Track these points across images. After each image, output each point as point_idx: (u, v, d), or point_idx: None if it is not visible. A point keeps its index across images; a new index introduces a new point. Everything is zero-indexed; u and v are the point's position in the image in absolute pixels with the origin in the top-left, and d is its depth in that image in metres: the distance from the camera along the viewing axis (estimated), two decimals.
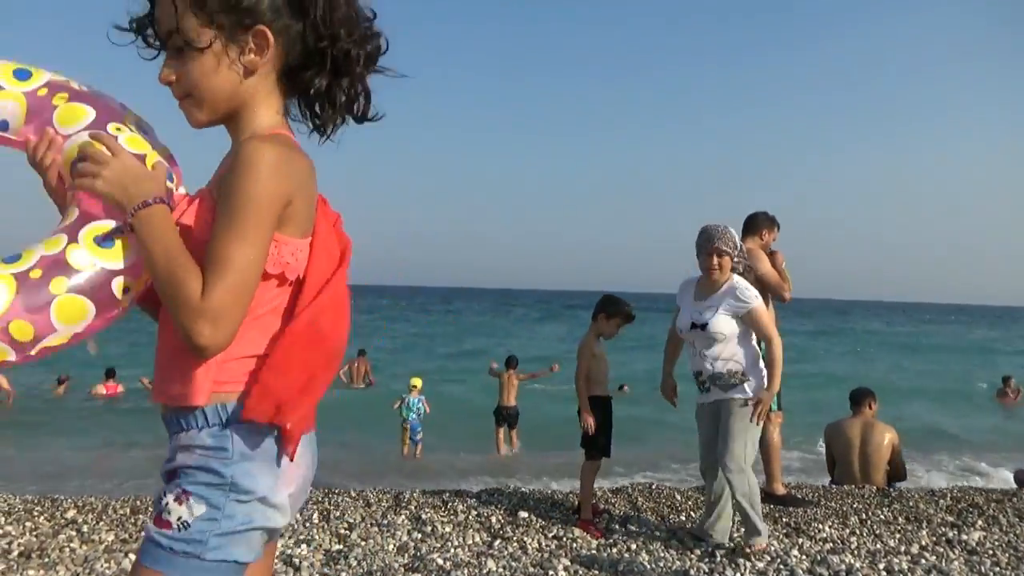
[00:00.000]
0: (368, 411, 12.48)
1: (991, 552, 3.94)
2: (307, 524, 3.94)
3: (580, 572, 3.35)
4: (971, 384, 19.36)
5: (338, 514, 4.12)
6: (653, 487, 5.09)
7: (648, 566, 3.50)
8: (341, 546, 3.63)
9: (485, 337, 33.07)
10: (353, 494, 4.61)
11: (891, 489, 5.54)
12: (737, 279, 3.90)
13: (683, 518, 4.34)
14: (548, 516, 4.30)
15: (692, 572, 3.43)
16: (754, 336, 3.91)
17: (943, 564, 3.69)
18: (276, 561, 3.37)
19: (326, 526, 3.92)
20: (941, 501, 5.01)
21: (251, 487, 1.17)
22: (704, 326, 3.80)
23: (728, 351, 3.81)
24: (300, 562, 3.35)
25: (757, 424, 3.76)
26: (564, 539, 3.88)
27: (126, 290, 1.19)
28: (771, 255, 4.93)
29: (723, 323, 3.79)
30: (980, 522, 4.50)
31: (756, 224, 5.02)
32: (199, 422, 1.17)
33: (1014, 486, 5.74)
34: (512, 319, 48.12)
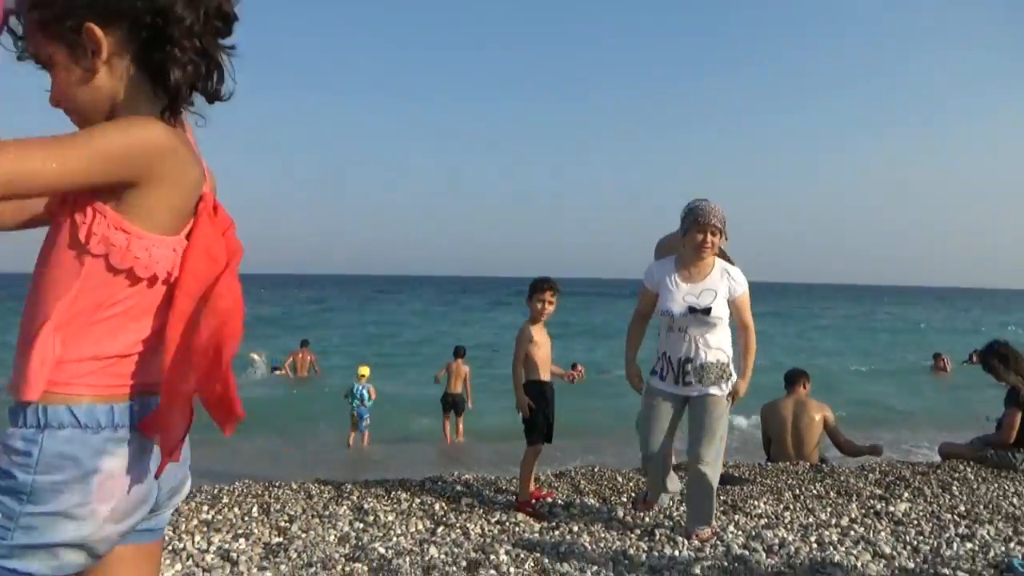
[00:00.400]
0: (314, 403, 12.35)
1: (916, 522, 4.11)
2: (246, 518, 3.87)
3: (522, 555, 3.38)
4: (907, 361, 20.22)
5: (278, 507, 4.06)
6: (595, 470, 5.16)
7: (589, 547, 3.54)
8: (281, 539, 3.58)
9: (434, 325, 32.97)
10: (294, 486, 4.55)
11: (824, 464, 5.74)
12: (720, 260, 3.77)
13: (624, 499, 4.41)
14: (492, 502, 4.32)
15: (632, 551, 3.49)
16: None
17: (871, 535, 3.83)
18: (213, 556, 3.31)
19: (266, 519, 3.86)
20: (870, 475, 5.21)
21: (52, 500, 1.08)
22: (708, 311, 3.59)
23: (719, 338, 3.68)
24: (238, 556, 3.29)
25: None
26: (507, 524, 3.91)
27: None
28: None
29: (723, 307, 3.64)
30: (907, 494, 4.70)
31: None
32: (19, 420, 1.10)
33: (939, 459, 6.00)
34: (461, 308, 48.05)
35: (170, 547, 3.39)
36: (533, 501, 4.24)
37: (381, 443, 9.33)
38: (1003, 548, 3.67)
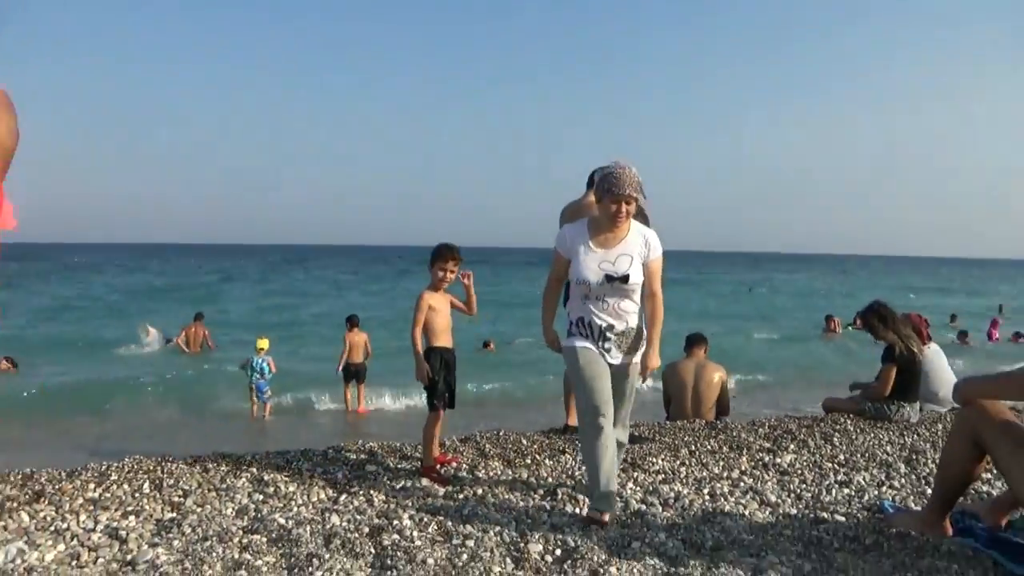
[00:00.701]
0: (214, 377, 11.94)
1: (800, 472, 4.36)
2: (136, 495, 3.70)
3: (425, 519, 3.38)
4: (802, 326, 21.38)
5: (171, 482, 3.90)
6: (500, 434, 5.21)
7: (492, 508, 3.58)
8: (174, 514, 3.44)
9: (339, 296, 32.36)
10: (189, 460, 4.37)
11: (719, 422, 6.00)
12: (636, 223, 3.62)
13: (528, 461, 4.48)
14: (396, 469, 4.29)
15: (533, 511, 3.55)
16: None
17: (758, 485, 4.05)
18: (100, 535, 3.15)
19: (158, 495, 3.70)
20: (760, 430, 5.49)
21: None
22: (626, 279, 3.45)
23: (636, 304, 3.57)
24: (127, 534, 3.14)
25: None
26: (411, 490, 3.90)
27: None
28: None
29: (640, 273, 3.51)
30: (792, 446, 4.97)
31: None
32: None
33: (822, 413, 6.38)
34: (367, 277, 47.31)
35: (52, 528, 3.22)
36: (438, 466, 4.25)
37: (283, 415, 9.14)
38: (876, 492, 3.95)
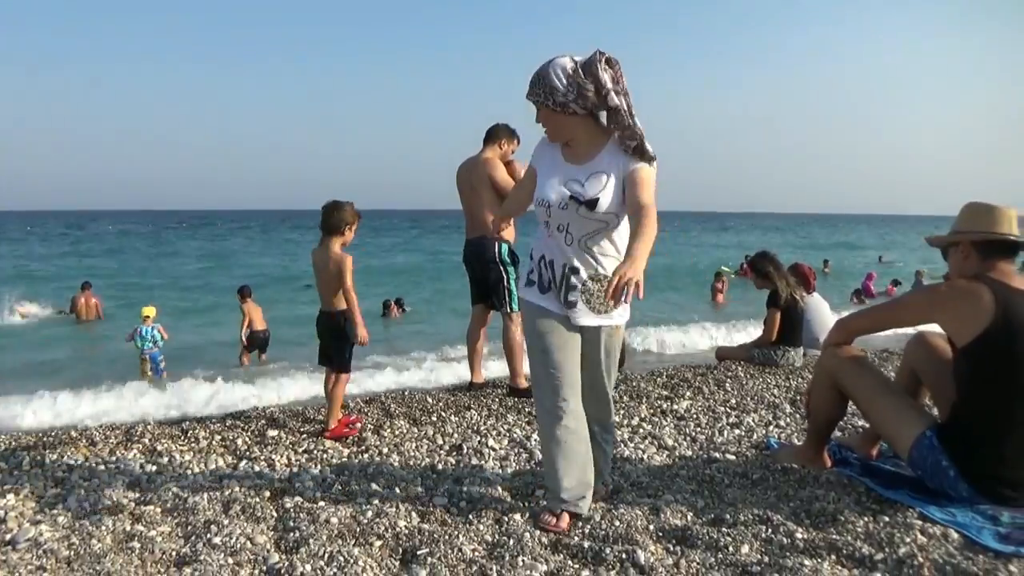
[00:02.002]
0: (105, 348, 11.32)
1: (695, 416, 4.57)
2: (15, 472, 3.49)
3: (329, 479, 3.34)
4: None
5: (54, 457, 3.69)
6: (405, 393, 5.20)
7: (397, 465, 3.58)
8: (58, 489, 3.26)
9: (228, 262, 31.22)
10: (74, 434, 4.15)
11: (619, 372, 6.19)
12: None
13: (434, 419, 4.49)
14: (299, 433, 4.21)
15: (440, 466, 3.57)
16: None
17: (656, 431, 4.21)
18: None
19: (40, 472, 3.50)
20: (659, 379, 5.70)
21: None
22: (593, 203, 2.56)
23: (613, 247, 2.68)
24: (5, 513, 2.94)
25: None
26: (315, 452, 3.84)
27: None
28: (508, 164, 5.14)
29: (617, 200, 2.58)
30: (688, 393, 5.20)
31: (496, 134, 5.18)
32: None
33: (716, 361, 6.68)
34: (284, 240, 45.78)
35: None
36: (346, 428, 4.20)
37: (182, 384, 8.78)
38: (764, 431, 4.19)
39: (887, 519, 2.68)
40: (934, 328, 2.95)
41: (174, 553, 2.55)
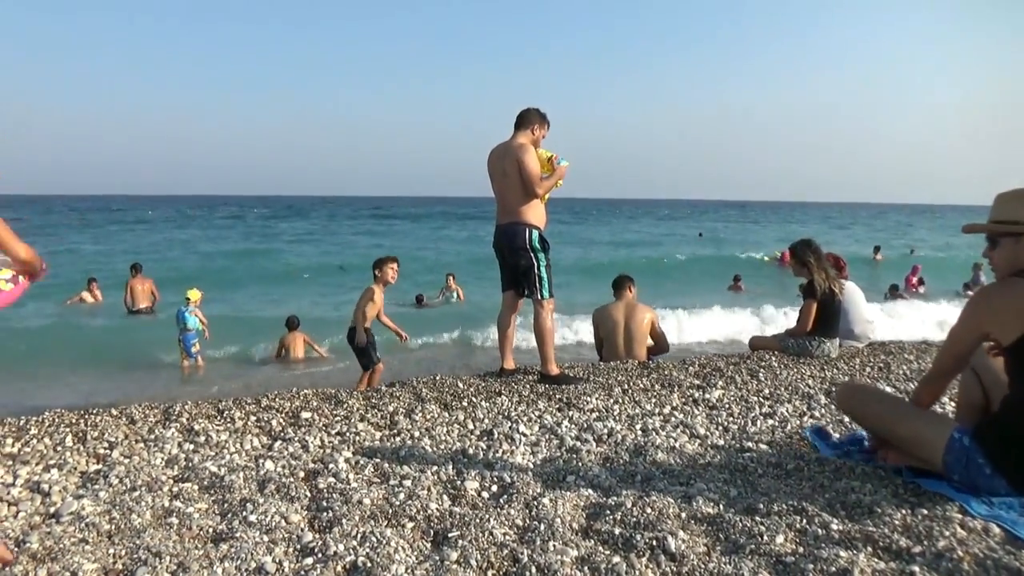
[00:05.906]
0: (150, 331, 11.54)
1: (728, 406, 4.52)
2: (58, 448, 3.58)
3: (362, 462, 3.37)
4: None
5: (96, 434, 3.79)
6: (436, 378, 5.22)
7: (429, 449, 3.60)
8: (100, 465, 3.35)
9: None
10: (115, 412, 4.25)
11: (651, 361, 6.15)
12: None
13: (465, 404, 4.51)
14: (332, 415, 4.26)
15: (471, 450, 3.59)
16: None
17: (688, 419, 4.17)
18: (21, 489, 3.04)
19: (82, 448, 3.59)
20: (691, 368, 5.65)
21: None
22: None
23: None
24: (50, 487, 3.04)
25: None
26: (347, 434, 3.88)
27: None
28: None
29: None
30: (720, 382, 5.14)
31: (528, 119, 5.14)
32: None
33: (749, 351, 6.60)
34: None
35: None
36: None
37: (219, 366, 8.94)
38: (798, 422, 4.13)
39: (925, 512, 2.63)
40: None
41: (211, 529, 2.61)
